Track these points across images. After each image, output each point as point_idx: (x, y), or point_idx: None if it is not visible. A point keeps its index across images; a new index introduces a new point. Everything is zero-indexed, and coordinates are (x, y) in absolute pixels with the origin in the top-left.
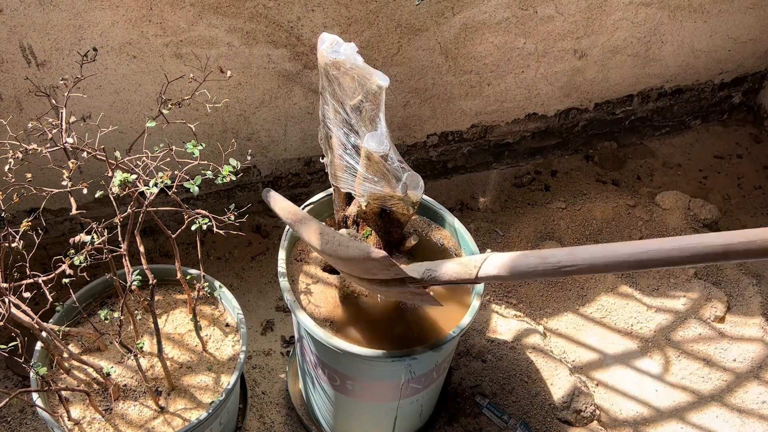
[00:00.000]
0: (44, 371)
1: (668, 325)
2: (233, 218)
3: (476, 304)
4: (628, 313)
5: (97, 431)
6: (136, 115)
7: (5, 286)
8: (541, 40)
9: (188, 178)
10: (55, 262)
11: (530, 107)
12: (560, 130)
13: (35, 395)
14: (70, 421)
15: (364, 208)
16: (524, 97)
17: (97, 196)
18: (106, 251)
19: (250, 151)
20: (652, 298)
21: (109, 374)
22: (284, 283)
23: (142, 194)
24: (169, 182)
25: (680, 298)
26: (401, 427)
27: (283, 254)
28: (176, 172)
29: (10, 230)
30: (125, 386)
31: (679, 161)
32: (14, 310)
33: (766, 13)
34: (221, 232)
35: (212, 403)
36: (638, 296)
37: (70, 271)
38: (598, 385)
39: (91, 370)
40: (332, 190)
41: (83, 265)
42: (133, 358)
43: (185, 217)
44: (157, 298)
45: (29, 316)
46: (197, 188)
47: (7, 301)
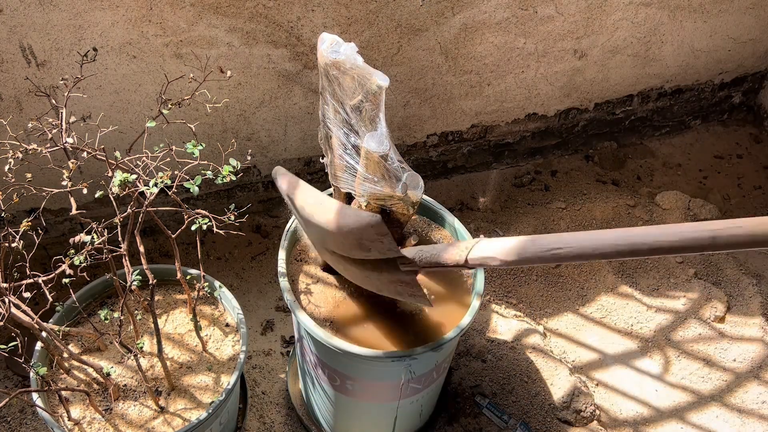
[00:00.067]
0: (44, 371)
1: (668, 325)
2: (233, 218)
3: (476, 304)
4: (628, 313)
5: (97, 431)
6: (136, 115)
7: (5, 286)
8: (541, 40)
9: (188, 178)
10: (55, 262)
11: (530, 107)
12: (560, 130)
13: (35, 395)
14: (70, 421)
15: (364, 208)
16: (524, 97)
17: (97, 196)
18: (106, 251)
19: (250, 151)
20: (652, 298)
21: (109, 374)
22: (284, 283)
23: (142, 194)
24: (169, 182)
25: (680, 298)
26: (401, 427)
27: (283, 254)
28: (176, 172)
29: (10, 230)
30: (125, 386)
31: (679, 161)
32: (14, 310)
33: (766, 13)
34: (221, 232)
35: (212, 403)
36: (638, 296)
37: (70, 271)
38: (598, 385)
39: (91, 370)
40: (332, 190)
41: (83, 265)
42: (133, 358)
43: (185, 217)
44: (157, 298)
45: (29, 316)
46: (197, 188)
47: (7, 301)
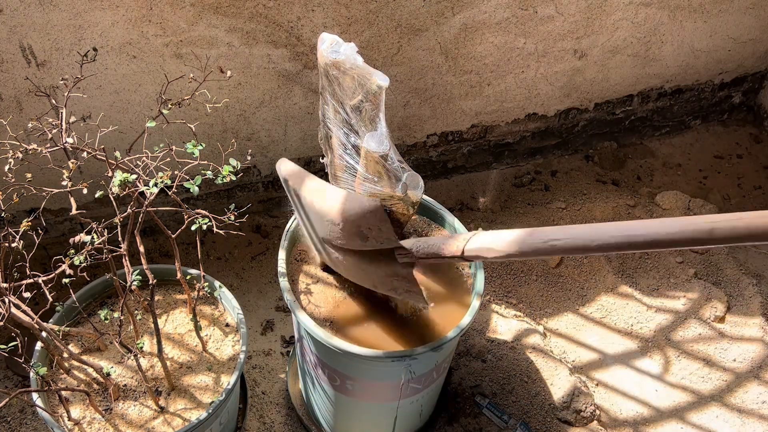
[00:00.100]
0: (44, 371)
1: (668, 325)
2: (233, 218)
3: (476, 304)
4: (628, 313)
5: (97, 431)
6: (136, 115)
7: (5, 286)
8: (541, 40)
9: (188, 178)
10: (55, 262)
11: (530, 107)
12: (560, 130)
13: (35, 395)
14: (70, 421)
15: None
16: (524, 97)
17: (97, 196)
18: (106, 251)
19: (250, 151)
20: (652, 298)
21: (109, 374)
22: (284, 283)
23: (142, 194)
24: (169, 182)
25: (680, 298)
26: (401, 427)
27: (283, 254)
28: (176, 172)
29: (10, 230)
30: (125, 386)
31: (679, 161)
32: (14, 310)
33: (766, 13)
34: (221, 232)
35: (212, 403)
36: (638, 296)
37: (70, 271)
38: (598, 385)
39: (91, 370)
40: None
41: (83, 265)
42: (133, 358)
43: (185, 217)
44: (157, 298)
45: (29, 316)
46: (197, 188)
47: (7, 301)
